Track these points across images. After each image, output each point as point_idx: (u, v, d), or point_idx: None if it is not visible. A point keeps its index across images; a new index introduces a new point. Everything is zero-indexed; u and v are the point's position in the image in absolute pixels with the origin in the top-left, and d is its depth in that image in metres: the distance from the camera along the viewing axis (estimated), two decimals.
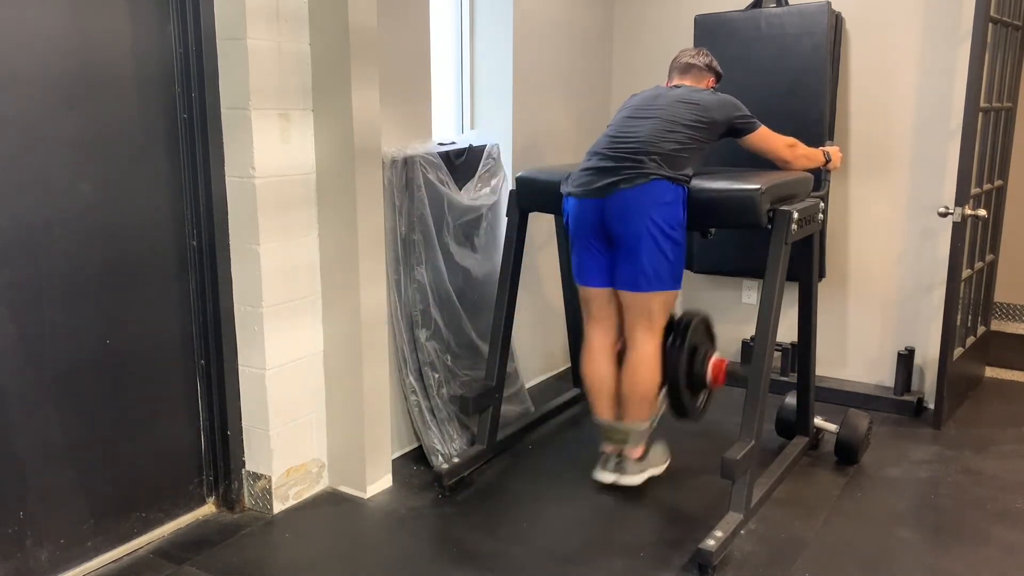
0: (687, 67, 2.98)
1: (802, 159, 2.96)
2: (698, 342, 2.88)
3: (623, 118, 2.79)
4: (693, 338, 2.85)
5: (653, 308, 2.72)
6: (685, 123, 2.68)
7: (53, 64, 2.14)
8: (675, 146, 2.63)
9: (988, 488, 2.92)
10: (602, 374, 2.86)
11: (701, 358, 2.87)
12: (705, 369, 2.87)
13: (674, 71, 3.01)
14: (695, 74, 2.96)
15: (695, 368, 2.85)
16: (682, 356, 2.80)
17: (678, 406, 2.87)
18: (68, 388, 2.27)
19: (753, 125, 2.84)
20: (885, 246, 3.69)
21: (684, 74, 2.97)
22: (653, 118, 2.70)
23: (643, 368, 2.75)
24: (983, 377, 4.07)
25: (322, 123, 2.63)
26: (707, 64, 2.98)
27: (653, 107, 2.75)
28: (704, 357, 2.89)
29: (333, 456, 2.87)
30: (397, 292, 2.97)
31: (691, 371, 2.84)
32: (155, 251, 2.45)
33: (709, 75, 2.98)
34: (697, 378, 2.87)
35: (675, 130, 2.66)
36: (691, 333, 2.83)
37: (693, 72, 2.96)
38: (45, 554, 2.26)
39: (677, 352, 2.80)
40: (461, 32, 3.47)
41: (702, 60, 2.98)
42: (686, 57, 3.00)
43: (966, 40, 3.31)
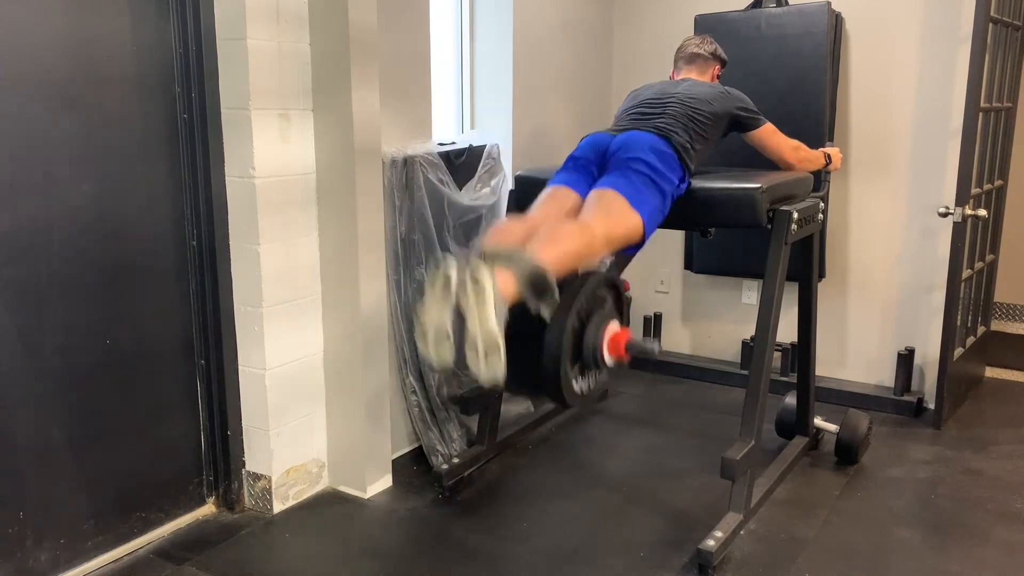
0: (693, 57, 3.00)
1: (805, 162, 2.97)
2: (593, 306, 2.26)
3: (631, 111, 2.78)
4: (587, 301, 2.24)
5: (614, 206, 2.37)
6: (692, 120, 2.67)
7: (53, 64, 2.14)
8: (684, 139, 2.63)
9: (988, 488, 2.92)
10: (516, 225, 2.37)
11: (595, 328, 2.23)
12: (599, 342, 2.24)
13: (680, 61, 3.03)
14: (700, 64, 2.98)
15: (587, 341, 2.22)
16: (567, 323, 2.13)
17: (558, 389, 2.18)
18: (68, 388, 2.27)
19: (758, 121, 2.84)
20: (885, 246, 3.69)
21: (690, 64, 2.99)
22: (662, 115, 2.69)
23: (576, 229, 2.27)
24: (983, 377, 4.07)
25: (322, 123, 2.63)
26: (712, 52, 3.00)
27: (661, 104, 2.74)
28: (598, 326, 2.24)
29: (333, 456, 2.87)
30: (397, 292, 2.97)
31: (580, 345, 2.21)
32: (155, 251, 2.45)
33: (714, 63, 3.00)
34: (588, 353, 2.22)
35: (684, 127, 2.66)
36: (584, 294, 2.21)
37: (698, 62, 2.98)
38: (45, 554, 2.26)
39: (563, 311, 2.13)
40: (461, 32, 3.47)
41: (707, 48, 3.00)
42: (691, 47, 3.02)
43: (966, 40, 3.31)
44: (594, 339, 2.22)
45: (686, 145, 2.61)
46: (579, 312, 2.18)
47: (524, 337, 2.09)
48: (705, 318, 4.19)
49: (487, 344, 1.90)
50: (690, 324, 4.24)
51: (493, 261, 2.02)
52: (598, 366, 2.27)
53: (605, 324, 2.25)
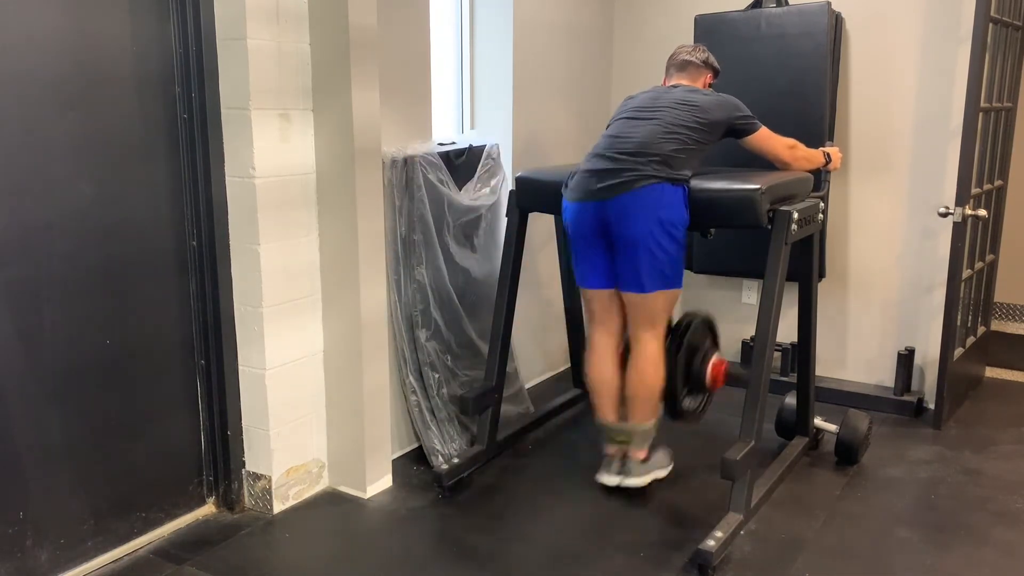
0: (684, 64, 2.96)
1: (802, 160, 2.96)
2: (698, 343, 2.88)
3: (622, 120, 2.79)
4: (692, 338, 2.85)
5: (656, 308, 2.72)
6: (685, 125, 2.68)
7: (53, 64, 2.14)
8: (675, 147, 2.63)
9: (988, 488, 2.92)
10: (606, 375, 2.86)
11: (700, 359, 2.88)
12: (704, 370, 2.87)
13: (671, 68, 3.00)
14: (692, 71, 2.95)
15: (693, 369, 2.86)
16: (680, 357, 2.80)
17: (674, 408, 2.86)
18: (68, 388, 2.27)
19: (753, 126, 2.83)
20: (885, 246, 3.69)
21: (681, 71, 2.96)
22: (652, 120, 2.70)
23: (647, 368, 2.76)
24: (983, 377, 4.07)
25: (322, 123, 2.63)
26: (704, 60, 2.96)
27: (652, 109, 2.74)
28: (703, 358, 2.88)
29: (333, 456, 2.87)
30: (397, 292, 2.97)
31: (689, 372, 2.85)
32: (155, 251, 2.45)
33: (707, 71, 2.97)
34: (695, 379, 2.86)
35: (675, 132, 2.66)
36: (690, 333, 2.84)
37: (690, 69, 2.95)
38: (45, 554, 2.26)
39: (675, 353, 2.80)
40: (461, 32, 3.47)
41: (699, 56, 2.97)
42: (683, 54, 2.99)
43: (966, 40, 3.31)
44: (700, 368, 2.88)
45: (677, 157, 2.63)
46: (688, 347, 2.83)
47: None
48: None
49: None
50: None
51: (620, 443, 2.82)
52: (703, 390, 2.92)
53: (709, 356, 2.91)
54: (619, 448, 2.83)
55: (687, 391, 2.87)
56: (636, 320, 2.77)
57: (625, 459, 2.82)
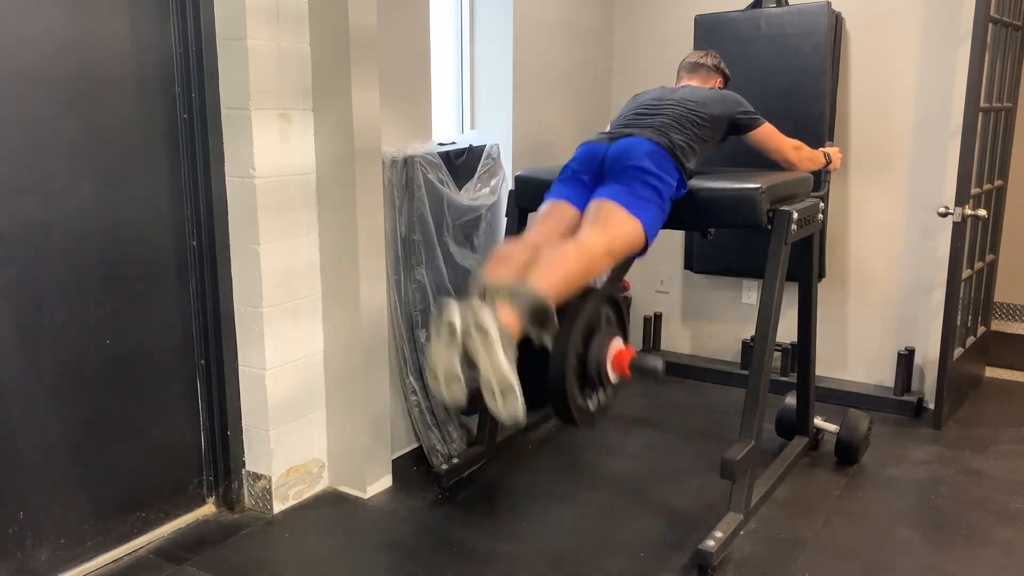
0: (695, 66, 3.02)
1: (806, 162, 2.98)
2: (594, 323, 2.27)
3: (631, 114, 2.78)
4: (589, 319, 2.24)
5: (615, 217, 2.38)
6: (689, 120, 2.68)
7: (53, 64, 2.14)
8: (681, 140, 2.63)
9: (988, 488, 2.92)
10: (517, 249, 2.38)
11: (597, 348, 2.24)
12: (603, 359, 2.25)
13: (682, 71, 3.07)
14: (703, 74, 3.00)
15: (590, 358, 2.23)
16: (571, 342, 2.16)
17: (564, 407, 2.20)
18: (68, 388, 2.27)
19: (756, 121, 2.84)
20: (885, 246, 3.69)
21: (692, 74, 3.02)
22: (659, 115, 2.70)
23: (575, 249, 2.27)
24: (983, 377, 4.07)
25: (322, 123, 2.63)
26: (715, 65, 3.03)
27: (657, 107, 2.74)
28: (601, 345, 2.25)
29: (333, 456, 2.87)
30: (397, 292, 2.97)
31: (585, 363, 2.23)
32: (155, 251, 2.45)
33: (717, 75, 3.03)
34: (591, 371, 2.24)
35: (681, 127, 2.66)
36: (586, 312, 2.23)
37: (701, 72, 3.01)
38: (45, 554, 2.26)
39: (565, 335, 2.16)
40: (461, 32, 3.47)
41: (710, 61, 3.04)
42: (694, 57, 3.07)
43: (966, 40, 3.31)
44: (597, 359, 2.24)
45: (683, 146, 2.61)
46: (581, 333, 2.20)
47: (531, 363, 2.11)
48: (705, 318, 4.19)
49: (502, 386, 1.94)
50: (690, 324, 4.24)
51: (494, 297, 2.07)
52: (603, 385, 2.28)
53: (608, 343, 2.27)
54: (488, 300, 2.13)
55: (581, 385, 2.24)
56: (587, 221, 2.40)
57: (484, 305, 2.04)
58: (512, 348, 2.00)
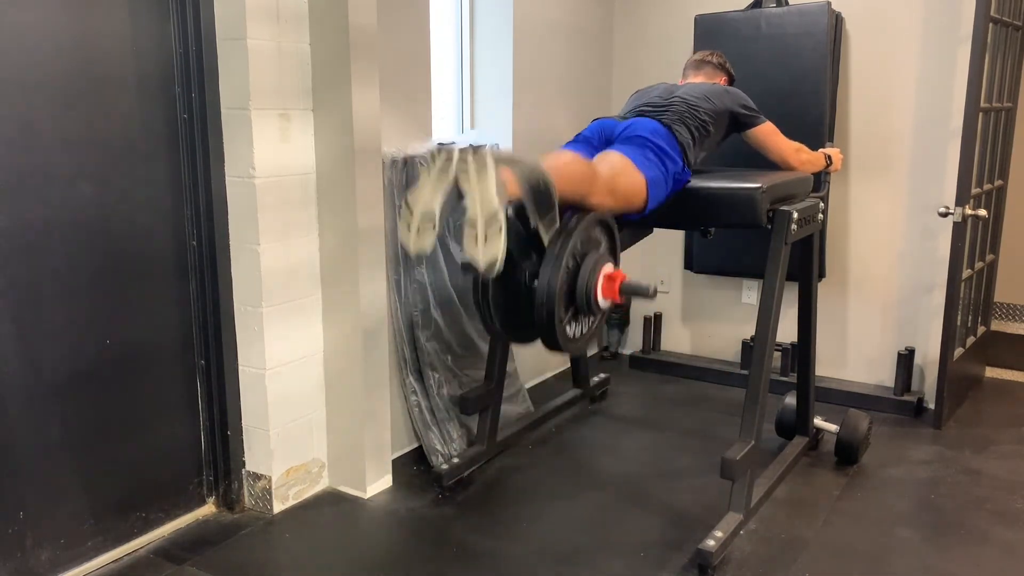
0: (700, 64, 3.07)
1: (807, 164, 2.98)
2: (586, 245, 2.22)
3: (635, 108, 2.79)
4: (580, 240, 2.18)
5: (618, 164, 2.41)
6: (693, 116, 2.69)
7: (53, 64, 2.14)
8: (686, 135, 2.64)
9: (988, 488, 2.92)
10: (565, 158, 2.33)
11: (588, 270, 2.19)
12: (592, 283, 2.19)
13: (688, 68, 3.11)
14: (708, 71, 3.04)
15: (580, 282, 2.18)
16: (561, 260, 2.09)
17: (551, 332, 2.14)
18: (68, 388, 2.27)
19: (757, 119, 2.85)
20: (885, 246, 3.69)
21: (697, 71, 3.06)
22: (665, 112, 2.70)
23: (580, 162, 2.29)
24: (983, 377, 4.07)
25: (322, 123, 2.63)
26: (720, 63, 3.07)
27: (663, 103, 2.74)
28: (592, 269, 2.20)
29: (333, 456, 2.87)
30: (397, 292, 2.97)
31: (574, 286, 2.18)
32: (155, 251, 2.45)
33: (722, 74, 3.06)
34: (582, 295, 2.18)
35: (685, 121, 2.66)
36: (577, 233, 2.16)
37: (707, 69, 3.04)
38: (45, 554, 2.26)
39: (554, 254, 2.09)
40: (461, 32, 3.47)
41: (716, 59, 3.08)
42: (700, 55, 3.11)
43: (966, 40, 3.31)
44: (588, 281, 2.18)
45: (687, 140, 2.63)
46: (573, 253, 2.13)
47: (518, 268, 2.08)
48: (705, 318, 4.19)
49: (487, 217, 1.83)
50: (690, 324, 4.24)
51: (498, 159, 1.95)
52: (592, 310, 2.23)
53: (600, 266, 2.22)
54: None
55: (571, 312, 2.20)
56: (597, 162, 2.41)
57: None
58: (505, 196, 1.91)
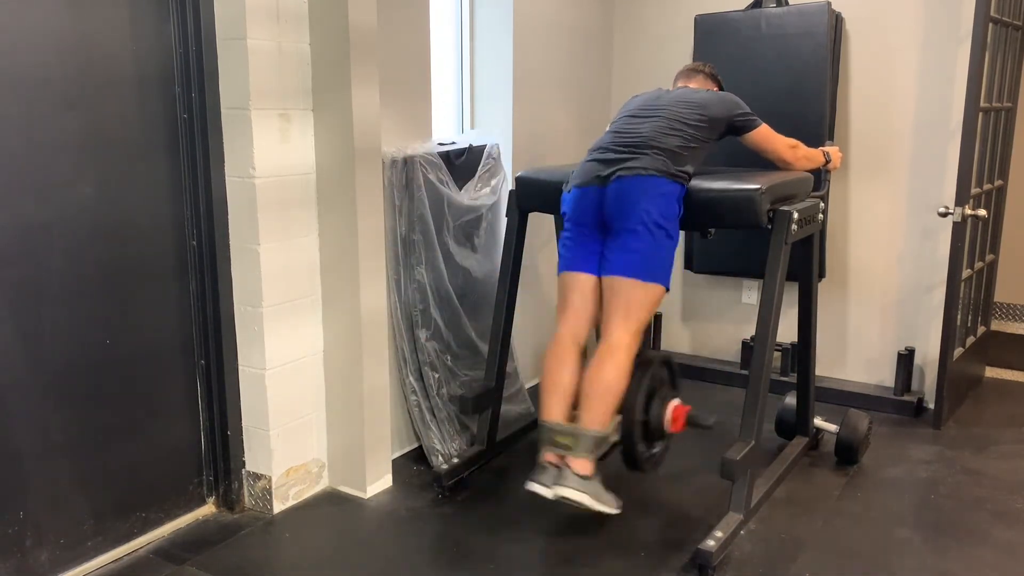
0: (691, 72, 3.11)
1: (803, 160, 2.97)
2: (656, 384, 2.65)
3: (626, 117, 2.80)
4: (651, 380, 2.61)
5: (634, 299, 2.54)
6: (686, 122, 2.69)
7: (53, 64, 2.14)
8: (677, 143, 2.63)
9: (988, 488, 2.92)
10: (564, 371, 2.60)
11: (659, 403, 2.62)
12: (662, 415, 2.62)
13: (679, 76, 3.12)
14: (700, 79, 3.06)
15: (651, 413, 2.60)
16: (638, 398, 2.55)
17: (630, 453, 2.59)
18: (68, 388, 2.27)
19: (754, 123, 2.84)
20: (885, 246, 3.69)
21: (689, 79, 3.06)
22: (655, 117, 2.70)
23: (611, 361, 2.50)
24: (983, 377, 4.07)
25: (322, 123, 2.63)
26: (711, 73, 3.11)
27: (655, 107, 2.75)
28: (663, 402, 2.64)
29: (333, 456, 2.87)
30: (397, 292, 2.97)
31: (647, 416, 2.60)
32: (155, 251, 2.45)
33: (712, 83, 3.07)
34: (653, 424, 2.61)
35: (677, 129, 2.66)
36: (648, 375, 2.60)
37: (698, 77, 3.07)
38: (45, 554, 2.26)
39: (633, 393, 2.54)
40: (461, 32, 3.47)
41: (708, 69, 3.10)
42: (691, 65, 3.14)
43: (966, 40, 3.31)
44: (658, 416, 2.62)
45: (680, 152, 2.62)
46: (645, 396, 2.59)
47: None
48: (705, 318, 4.19)
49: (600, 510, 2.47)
50: (690, 324, 4.24)
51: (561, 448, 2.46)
52: (663, 438, 2.69)
53: (667, 402, 2.66)
54: (558, 455, 2.47)
55: (644, 436, 2.61)
56: (611, 309, 2.56)
57: (562, 468, 2.45)
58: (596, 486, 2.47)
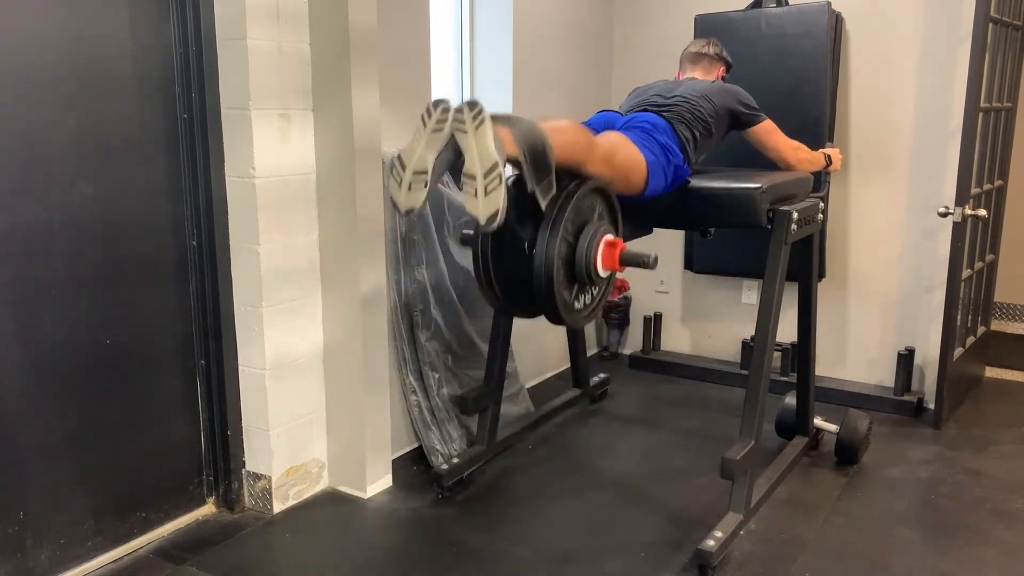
0: (697, 57, 3.04)
1: (806, 163, 2.98)
2: (584, 214, 2.16)
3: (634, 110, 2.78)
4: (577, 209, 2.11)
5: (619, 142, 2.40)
6: (693, 116, 2.68)
7: (53, 64, 2.14)
8: (687, 135, 2.64)
9: (988, 488, 2.92)
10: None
11: (587, 241, 2.13)
12: (592, 253, 2.13)
13: (684, 61, 3.08)
14: (705, 64, 3.02)
15: (579, 252, 2.13)
16: (559, 229, 2.03)
17: (550, 303, 2.09)
18: (68, 388, 2.27)
19: (758, 117, 2.85)
20: (885, 246, 3.69)
21: (694, 64, 3.03)
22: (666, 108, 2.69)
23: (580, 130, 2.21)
24: (983, 377, 4.07)
25: (322, 123, 2.63)
26: (717, 54, 3.04)
27: (662, 103, 2.74)
28: (591, 240, 2.14)
29: (333, 456, 2.87)
30: (397, 292, 2.97)
31: (572, 256, 2.12)
32: (155, 251, 2.45)
33: (719, 64, 3.04)
34: (579, 264, 2.13)
35: (686, 124, 2.66)
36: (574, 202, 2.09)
37: (703, 63, 3.02)
38: (45, 554, 2.26)
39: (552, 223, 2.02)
40: (461, 32, 3.47)
41: (712, 50, 3.04)
42: (696, 47, 3.07)
43: (966, 40, 3.31)
44: (587, 253, 2.12)
45: (688, 138, 2.63)
46: (571, 219, 2.07)
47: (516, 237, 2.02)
48: (705, 318, 4.19)
49: (486, 170, 1.79)
50: (690, 324, 4.24)
51: (495, 116, 1.92)
52: (592, 280, 2.18)
53: (598, 236, 2.16)
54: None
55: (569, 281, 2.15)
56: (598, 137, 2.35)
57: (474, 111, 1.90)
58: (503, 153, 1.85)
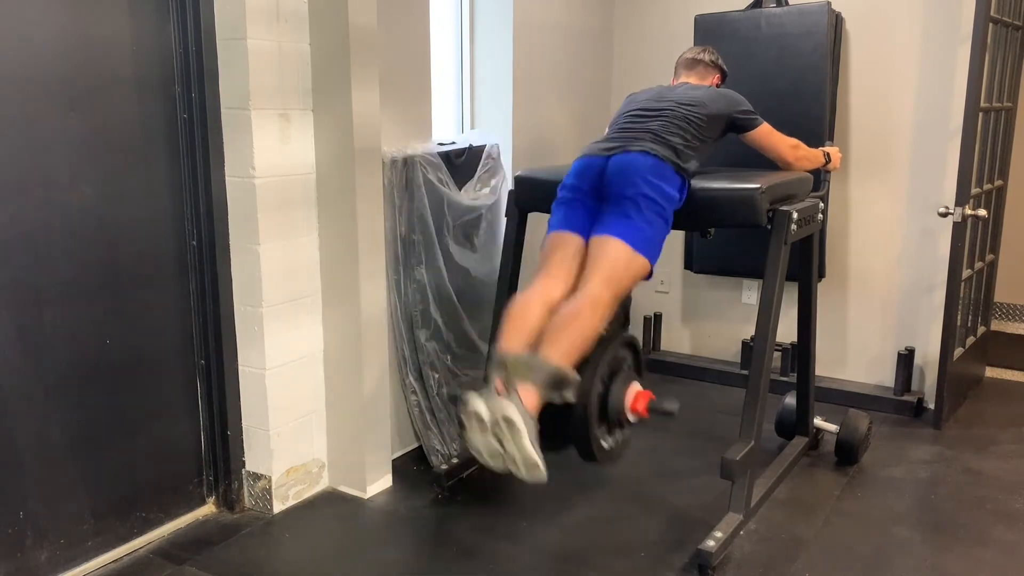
0: (692, 63, 3.02)
1: (804, 160, 2.97)
2: (614, 368, 2.43)
3: (629, 115, 2.77)
4: (615, 357, 2.42)
5: (621, 261, 2.44)
6: (688, 120, 2.68)
7: (53, 64, 2.14)
8: (680, 141, 2.63)
9: (988, 488, 2.92)
10: (532, 307, 2.41)
11: (621, 384, 2.41)
12: (622, 403, 2.40)
13: (680, 67, 3.06)
14: (700, 71, 3.00)
15: (611, 399, 2.39)
16: (594, 383, 2.32)
17: (586, 448, 2.37)
18: (68, 388, 2.27)
19: (755, 121, 2.84)
20: (885, 246, 3.69)
21: (690, 71, 3.01)
22: (658, 118, 2.69)
23: (588, 306, 2.34)
24: (983, 377, 4.06)
25: (322, 123, 2.63)
26: (712, 61, 3.02)
27: (656, 109, 2.74)
28: (624, 383, 2.42)
29: (333, 456, 2.87)
30: (397, 292, 2.97)
31: (605, 402, 2.39)
32: (155, 251, 2.45)
33: (714, 72, 3.02)
34: (612, 404, 2.39)
35: (680, 128, 2.65)
36: (607, 355, 2.38)
37: (699, 69, 3.00)
38: (45, 554, 2.26)
39: (587, 383, 2.30)
40: (461, 32, 3.47)
41: (708, 57, 3.02)
42: (691, 53, 3.05)
43: (966, 40, 3.31)
44: (618, 401, 2.39)
45: (682, 150, 2.60)
46: (602, 379, 2.36)
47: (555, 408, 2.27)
48: (705, 318, 4.19)
49: (528, 465, 2.15)
50: (690, 324, 4.24)
51: (514, 376, 2.20)
52: (622, 425, 2.46)
53: (627, 386, 2.42)
54: (508, 380, 2.23)
55: (605, 428, 2.41)
56: (596, 266, 2.44)
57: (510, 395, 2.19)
58: (535, 427, 2.16)
